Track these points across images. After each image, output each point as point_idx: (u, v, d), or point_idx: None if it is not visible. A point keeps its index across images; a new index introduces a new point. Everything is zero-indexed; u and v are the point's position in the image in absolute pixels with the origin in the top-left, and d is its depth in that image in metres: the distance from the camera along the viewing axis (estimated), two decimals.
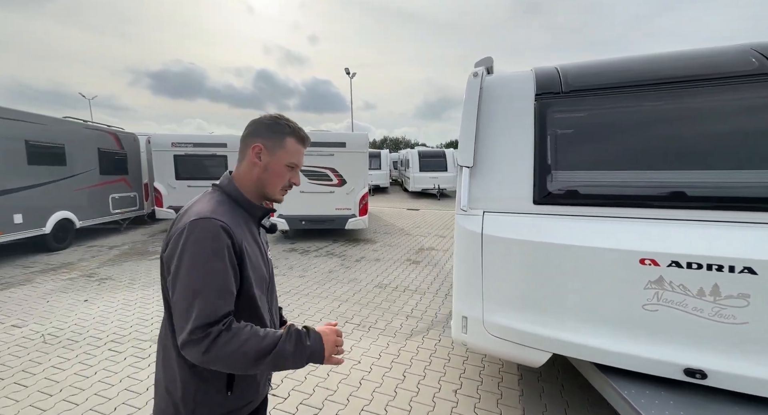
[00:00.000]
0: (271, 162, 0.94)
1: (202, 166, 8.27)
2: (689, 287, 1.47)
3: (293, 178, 0.99)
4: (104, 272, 4.97)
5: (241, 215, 0.92)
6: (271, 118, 0.95)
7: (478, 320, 1.94)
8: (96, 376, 2.43)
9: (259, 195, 0.97)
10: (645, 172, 1.78)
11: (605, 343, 1.62)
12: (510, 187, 1.97)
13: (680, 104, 1.79)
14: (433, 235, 7.59)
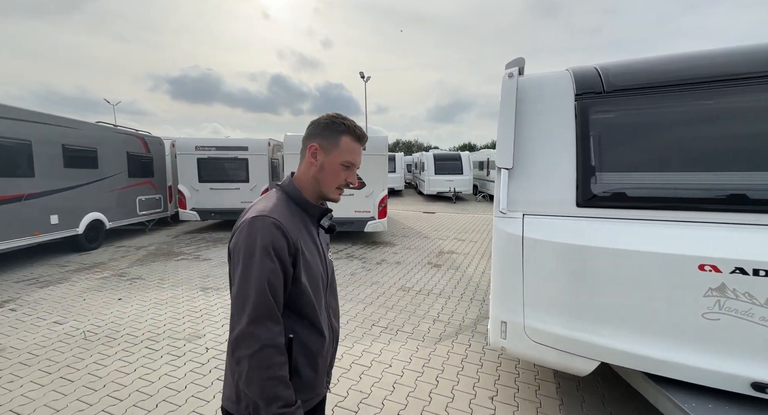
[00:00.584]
0: (327, 161, 0.95)
1: (224, 169, 8.45)
2: (756, 295, 1.39)
3: (349, 177, 0.99)
4: (134, 271, 5.12)
5: (299, 215, 0.94)
6: (328, 118, 0.96)
7: (518, 325, 1.89)
8: (136, 373, 2.50)
9: (317, 195, 0.98)
10: (699, 174, 1.70)
11: (660, 352, 1.55)
12: (551, 189, 1.92)
13: (735, 102, 1.71)
14: (451, 238, 7.51)
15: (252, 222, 0.83)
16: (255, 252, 0.80)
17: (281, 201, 0.93)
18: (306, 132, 0.98)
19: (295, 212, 0.94)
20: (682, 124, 1.80)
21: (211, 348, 2.86)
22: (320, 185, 0.96)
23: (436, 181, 15.47)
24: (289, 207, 0.93)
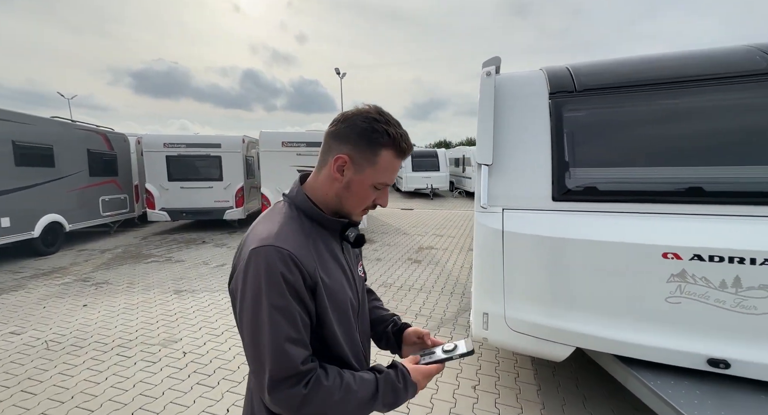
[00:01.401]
0: (356, 179, 0.73)
1: (195, 167, 8.12)
2: (711, 279, 1.52)
3: (379, 199, 0.79)
4: (100, 276, 4.82)
5: (316, 232, 0.75)
6: (367, 120, 0.71)
7: (499, 316, 1.96)
8: (107, 382, 2.36)
9: (335, 210, 0.78)
10: (663, 169, 1.83)
11: (629, 336, 1.66)
12: (529, 184, 1.99)
13: (695, 102, 1.85)
14: (430, 234, 7.63)
15: (254, 256, 0.65)
16: (261, 298, 0.63)
17: (290, 219, 0.73)
18: (333, 128, 0.74)
19: (309, 229, 0.74)
20: (645, 123, 1.93)
21: (189, 352, 2.76)
22: (342, 204, 0.77)
23: (413, 178, 15.63)
24: (301, 225, 0.73)
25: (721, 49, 2.03)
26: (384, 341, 0.97)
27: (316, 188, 0.78)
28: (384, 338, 0.97)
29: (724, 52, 1.97)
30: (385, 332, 0.96)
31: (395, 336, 0.95)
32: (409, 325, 0.97)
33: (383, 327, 0.97)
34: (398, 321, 0.98)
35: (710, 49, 2.07)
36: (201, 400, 2.17)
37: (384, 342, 0.97)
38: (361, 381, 0.70)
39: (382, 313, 1.00)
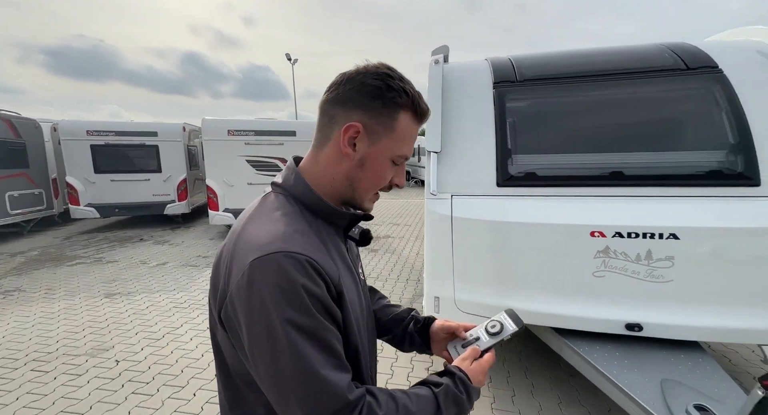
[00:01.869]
0: (371, 154, 0.59)
1: (128, 157, 7.31)
2: (629, 253, 1.70)
3: (397, 178, 0.64)
4: (9, 283, 4.18)
5: (324, 230, 0.60)
6: (379, 77, 0.56)
7: (450, 299, 2.03)
8: (18, 402, 2.06)
9: (342, 201, 0.64)
10: (590, 155, 1.99)
11: (563, 309, 1.81)
12: (475, 171, 2.06)
13: (615, 94, 2.03)
14: (387, 223, 7.70)
15: (259, 268, 0.49)
16: (279, 322, 0.47)
17: (293, 217, 0.57)
18: (334, 96, 0.59)
19: (318, 226, 0.59)
20: (575, 112, 2.08)
21: (123, 360, 2.50)
22: (355, 191, 0.62)
23: None
24: (308, 222, 0.58)
25: (639, 46, 2.24)
26: (408, 343, 0.82)
27: (318, 174, 0.61)
28: (407, 339, 0.82)
29: (640, 50, 2.18)
30: (407, 332, 0.82)
31: (420, 334, 0.81)
32: (433, 319, 0.83)
33: (403, 327, 0.82)
34: (419, 317, 0.84)
35: (630, 46, 2.28)
36: (138, 410, 1.99)
37: (408, 343, 0.82)
38: (417, 401, 0.57)
39: (395, 311, 0.85)
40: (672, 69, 1.94)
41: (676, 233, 1.64)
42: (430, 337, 0.80)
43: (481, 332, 0.71)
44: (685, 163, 1.80)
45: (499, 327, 0.70)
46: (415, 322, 0.82)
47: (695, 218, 1.65)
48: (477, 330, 0.73)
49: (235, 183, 6.56)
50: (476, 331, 0.73)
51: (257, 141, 6.65)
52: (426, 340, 0.81)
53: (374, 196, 0.65)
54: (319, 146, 0.61)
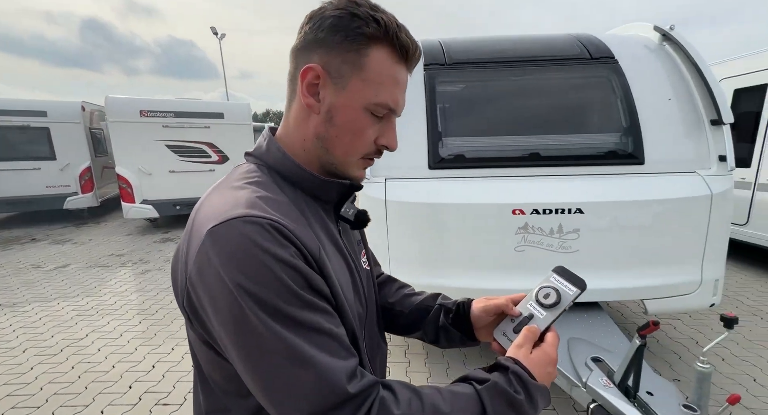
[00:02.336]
0: (340, 103, 0.48)
1: (9, 142, 6.03)
2: (544, 228, 1.86)
3: (384, 137, 0.52)
4: None
5: (307, 205, 0.50)
6: (341, 7, 0.46)
7: None
8: None
9: (324, 169, 0.52)
10: (513, 138, 2.11)
11: (490, 283, 1.94)
12: (408, 154, 2.07)
13: (532, 79, 2.16)
14: None
15: (214, 238, 0.40)
16: (240, 302, 0.38)
17: (263, 185, 0.48)
18: (297, 40, 0.49)
19: (294, 198, 0.49)
20: (499, 96, 2.18)
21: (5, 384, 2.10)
22: (329, 152, 0.50)
23: None
24: (285, 194, 0.49)
25: (554, 35, 2.41)
26: (444, 338, 0.66)
27: (291, 138, 0.52)
28: (442, 334, 0.66)
29: (555, 39, 2.34)
30: (438, 326, 0.66)
31: (456, 325, 0.64)
32: (470, 301, 0.66)
33: (431, 320, 0.66)
34: (449, 304, 0.67)
35: (547, 35, 2.43)
36: None
37: (444, 339, 0.66)
38: (453, 399, 0.44)
39: (417, 299, 0.70)
40: (579, 58, 2.12)
41: (581, 208, 1.83)
42: (473, 325, 0.63)
43: (534, 307, 0.56)
44: (588, 145, 2.01)
45: (555, 296, 0.55)
46: (445, 311, 0.65)
47: (596, 193, 1.85)
48: (527, 304, 0.57)
49: (153, 171, 5.82)
50: (526, 306, 0.57)
51: (178, 124, 5.93)
52: (466, 330, 0.63)
53: (362, 162, 0.53)
54: (288, 104, 0.52)
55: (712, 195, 1.80)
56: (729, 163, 1.85)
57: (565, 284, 0.56)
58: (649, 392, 1.12)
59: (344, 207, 0.56)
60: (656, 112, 1.95)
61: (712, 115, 1.90)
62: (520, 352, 0.49)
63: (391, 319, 0.70)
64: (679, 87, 2.00)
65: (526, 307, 0.56)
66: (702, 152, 1.92)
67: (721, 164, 1.87)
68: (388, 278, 0.76)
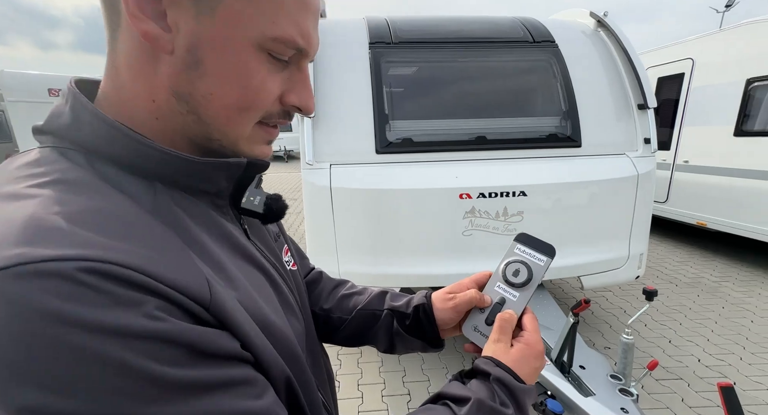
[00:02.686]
0: (210, 34, 0.29)
1: None
2: (490, 211, 1.87)
3: (295, 93, 0.35)
4: None
5: (179, 206, 0.32)
6: None
7: (334, 273, 1.95)
8: None
9: (199, 141, 0.34)
10: (460, 121, 2.08)
11: (439, 269, 1.93)
12: (354, 138, 1.96)
13: (478, 60, 2.13)
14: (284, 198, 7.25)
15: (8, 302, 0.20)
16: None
17: (72, 186, 0.27)
18: None
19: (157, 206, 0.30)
20: (446, 78, 2.13)
21: None
22: (204, 120, 0.32)
23: None
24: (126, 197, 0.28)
25: (499, 18, 2.39)
26: (401, 346, 0.53)
27: (123, 102, 0.31)
28: (398, 342, 0.53)
29: (500, 21, 2.32)
30: (394, 333, 0.52)
31: (415, 331, 0.51)
32: (429, 303, 0.51)
33: (384, 326, 0.53)
34: (405, 310, 0.52)
35: (493, 17, 2.41)
36: None
37: (401, 347, 0.53)
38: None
39: (360, 300, 0.55)
40: (522, 41, 2.12)
41: (525, 191, 1.86)
42: (437, 326, 0.50)
43: (503, 289, 0.46)
44: (531, 128, 2.04)
45: (525, 271, 0.46)
46: (399, 317, 0.51)
47: (538, 176, 1.89)
48: (494, 287, 0.47)
49: None
50: (494, 289, 0.47)
51: None
52: (429, 335, 0.50)
53: (261, 132, 0.35)
54: (111, 40, 0.30)
55: (638, 175, 1.92)
56: (653, 146, 1.99)
57: (533, 253, 0.48)
58: (582, 366, 1.17)
59: (246, 196, 0.38)
60: (591, 96, 2.02)
61: (639, 100, 2.01)
62: (498, 348, 0.41)
63: (329, 329, 0.55)
64: (611, 72, 2.09)
65: (495, 290, 0.47)
66: (630, 135, 2.03)
67: (646, 146, 1.99)
68: (317, 274, 0.61)
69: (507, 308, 0.45)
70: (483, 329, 0.46)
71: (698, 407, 1.73)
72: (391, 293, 0.56)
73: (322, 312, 0.56)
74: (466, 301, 0.47)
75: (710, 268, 3.35)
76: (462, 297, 0.48)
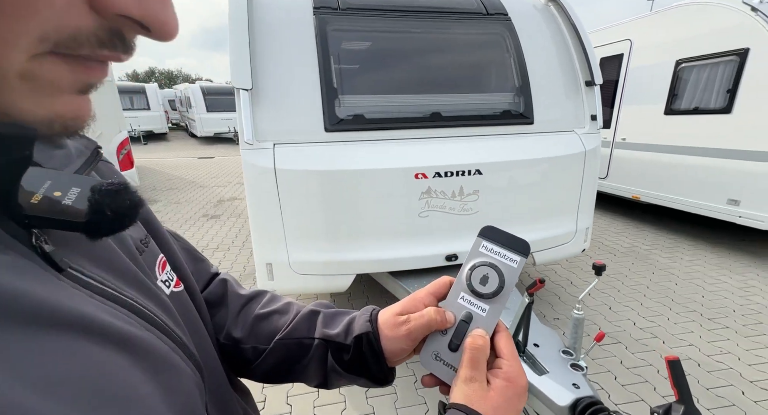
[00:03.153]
0: None
1: None
2: (446, 191, 1.81)
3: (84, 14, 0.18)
4: None
5: None
6: None
7: (283, 263, 1.80)
8: None
9: None
10: (413, 96, 1.97)
11: (396, 253, 1.85)
12: (300, 115, 1.77)
13: (430, 32, 2.01)
14: (234, 183, 6.76)
15: None
16: None
17: None
18: None
19: None
20: (397, 49, 1.99)
21: None
22: None
23: (210, 121, 13.18)
24: None
25: None
26: (335, 382, 0.42)
27: None
28: (333, 378, 0.42)
29: None
30: (329, 370, 0.41)
31: (357, 367, 0.40)
32: (375, 331, 0.38)
33: (316, 359, 0.41)
34: (343, 341, 0.40)
35: None
36: None
37: (336, 382, 0.42)
38: None
39: (280, 323, 0.43)
40: (476, 12, 2.03)
41: (480, 169, 1.82)
42: (386, 358, 0.38)
43: (469, 301, 0.36)
44: (486, 105, 1.98)
45: (496, 276, 0.35)
46: (335, 350, 0.40)
47: (493, 154, 1.86)
48: (457, 299, 0.36)
49: None
50: (456, 302, 0.36)
51: None
52: (376, 369, 0.39)
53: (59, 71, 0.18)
54: None
55: (585, 152, 1.97)
56: (599, 122, 2.03)
57: (502, 252, 0.36)
58: (536, 344, 1.17)
59: (46, 187, 0.22)
60: (543, 72, 2.00)
61: (586, 77, 2.03)
62: (472, 392, 0.31)
63: (241, 361, 0.42)
64: (561, 48, 2.08)
65: (458, 303, 0.36)
66: (578, 112, 2.06)
67: (592, 123, 2.04)
68: (220, 287, 0.46)
69: (475, 326, 0.35)
70: (446, 357, 0.35)
71: (634, 367, 1.88)
72: (323, 314, 0.43)
73: (230, 342, 0.42)
74: (422, 325, 0.36)
75: (642, 237, 3.67)
76: (418, 321, 0.36)
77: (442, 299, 0.38)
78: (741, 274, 2.82)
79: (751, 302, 2.44)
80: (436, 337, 0.36)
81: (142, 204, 0.25)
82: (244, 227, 4.29)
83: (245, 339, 0.42)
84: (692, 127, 3.28)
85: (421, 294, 0.38)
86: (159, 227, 0.37)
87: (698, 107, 3.24)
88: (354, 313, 0.42)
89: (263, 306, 0.45)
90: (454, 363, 0.35)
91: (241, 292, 0.47)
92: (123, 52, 0.21)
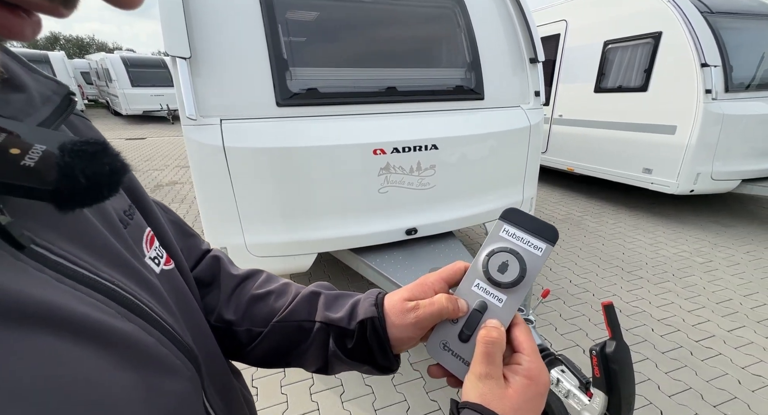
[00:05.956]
0: None
1: None
2: (405, 166, 1.84)
3: None
4: None
5: None
6: None
7: (240, 246, 1.72)
8: None
9: None
10: (368, 70, 1.92)
11: (357, 229, 1.86)
12: (249, 88, 1.65)
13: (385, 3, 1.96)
14: (173, 166, 6.17)
15: None
16: None
17: None
18: None
19: None
20: (350, 18, 1.91)
21: None
22: None
23: (137, 97, 11.65)
24: None
25: None
26: (337, 367, 0.40)
27: None
28: (335, 364, 0.39)
29: None
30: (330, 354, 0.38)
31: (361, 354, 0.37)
32: (381, 316, 0.36)
33: (317, 345, 0.38)
34: (347, 325, 0.37)
35: None
36: None
37: (337, 368, 0.40)
38: None
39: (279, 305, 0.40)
40: None
41: (436, 144, 1.87)
42: (391, 345, 0.36)
43: (485, 289, 0.33)
44: (440, 80, 2.01)
45: (517, 264, 0.32)
46: (338, 335, 0.38)
47: (448, 129, 1.91)
48: (471, 286, 0.34)
49: None
50: (470, 289, 0.34)
51: None
52: (381, 357, 0.37)
53: None
54: None
55: (531, 126, 2.11)
56: (541, 98, 2.18)
57: (526, 238, 0.33)
58: None
59: None
60: (491, 48, 2.06)
61: (530, 54, 2.14)
62: (488, 390, 0.28)
63: (234, 345, 0.40)
64: (507, 25, 2.15)
65: (472, 291, 0.33)
66: (524, 88, 2.18)
67: (536, 99, 2.17)
68: (212, 265, 0.43)
69: (489, 316, 0.32)
70: (455, 348, 0.33)
71: (571, 318, 2.15)
72: (325, 296, 0.40)
73: (222, 324, 0.39)
74: (432, 313, 0.33)
75: (575, 205, 4.10)
76: (427, 309, 0.33)
77: (454, 286, 0.35)
78: (652, 232, 3.30)
79: (659, 255, 2.88)
80: (446, 325, 0.34)
81: (125, 171, 0.21)
82: (189, 212, 3.98)
83: (239, 321, 0.39)
84: (617, 104, 3.65)
85: (432, 279, 0.36)
86: (144, 195, 0.33)
87: (621, 86, 3.59)
88: (358, 295, 0.40)
89: (259, 286, 0.42)
90: (463, 354, 0.32)
91: (235, 271, 0.44)
92: (61, 4, 0.17)
